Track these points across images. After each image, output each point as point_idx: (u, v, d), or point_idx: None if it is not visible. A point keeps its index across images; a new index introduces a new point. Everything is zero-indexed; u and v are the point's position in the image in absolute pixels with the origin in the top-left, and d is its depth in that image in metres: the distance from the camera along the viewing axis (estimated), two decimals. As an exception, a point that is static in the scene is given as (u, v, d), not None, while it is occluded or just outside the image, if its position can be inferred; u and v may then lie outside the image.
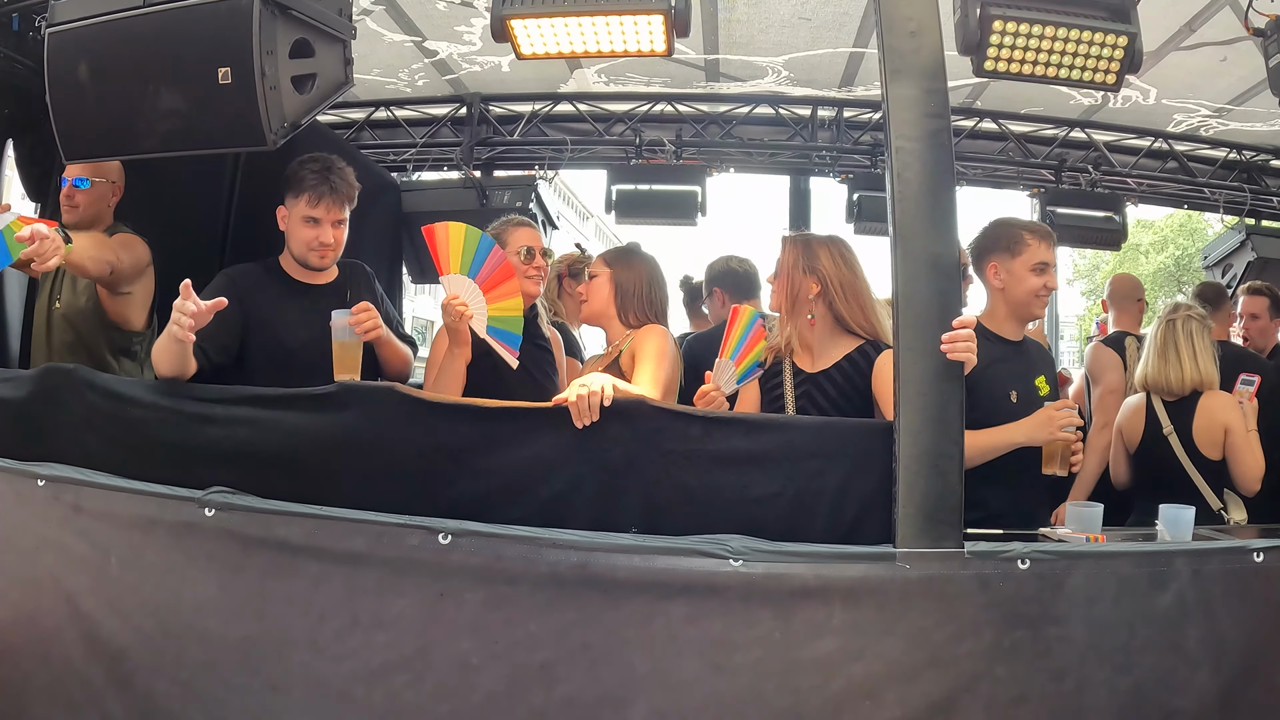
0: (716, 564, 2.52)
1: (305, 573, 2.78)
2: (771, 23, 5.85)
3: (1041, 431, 3.25)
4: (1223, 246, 7.81)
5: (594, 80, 7.12)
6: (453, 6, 5.66)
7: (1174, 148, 7.58)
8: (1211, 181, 7.68)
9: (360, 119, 7.57)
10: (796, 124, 7.53)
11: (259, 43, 3.24)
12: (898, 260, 2.66)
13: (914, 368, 2.62)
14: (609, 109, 7.55)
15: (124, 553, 2.99)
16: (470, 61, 6.62)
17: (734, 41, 6.21)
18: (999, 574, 2.54)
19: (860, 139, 7.51)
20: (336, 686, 2.73)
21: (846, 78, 6.80)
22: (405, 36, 6.15)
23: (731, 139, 7.55)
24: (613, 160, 7.62)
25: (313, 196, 3.68)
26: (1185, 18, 5.39)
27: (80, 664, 3.00)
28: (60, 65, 3.51)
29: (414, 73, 6.88)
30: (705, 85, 7.15)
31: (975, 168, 7.62)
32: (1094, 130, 7.53)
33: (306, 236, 3.70)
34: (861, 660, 2.50)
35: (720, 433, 2.83)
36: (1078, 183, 7.57)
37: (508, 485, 2.87)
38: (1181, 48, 5.74)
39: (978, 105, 7.27)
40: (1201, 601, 2.59)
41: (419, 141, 7.57)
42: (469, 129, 7.41)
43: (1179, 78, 6.29)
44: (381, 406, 2.97)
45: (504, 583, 2.62)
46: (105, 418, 3.30)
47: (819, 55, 6.36)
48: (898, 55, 2.72)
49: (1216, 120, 7.14)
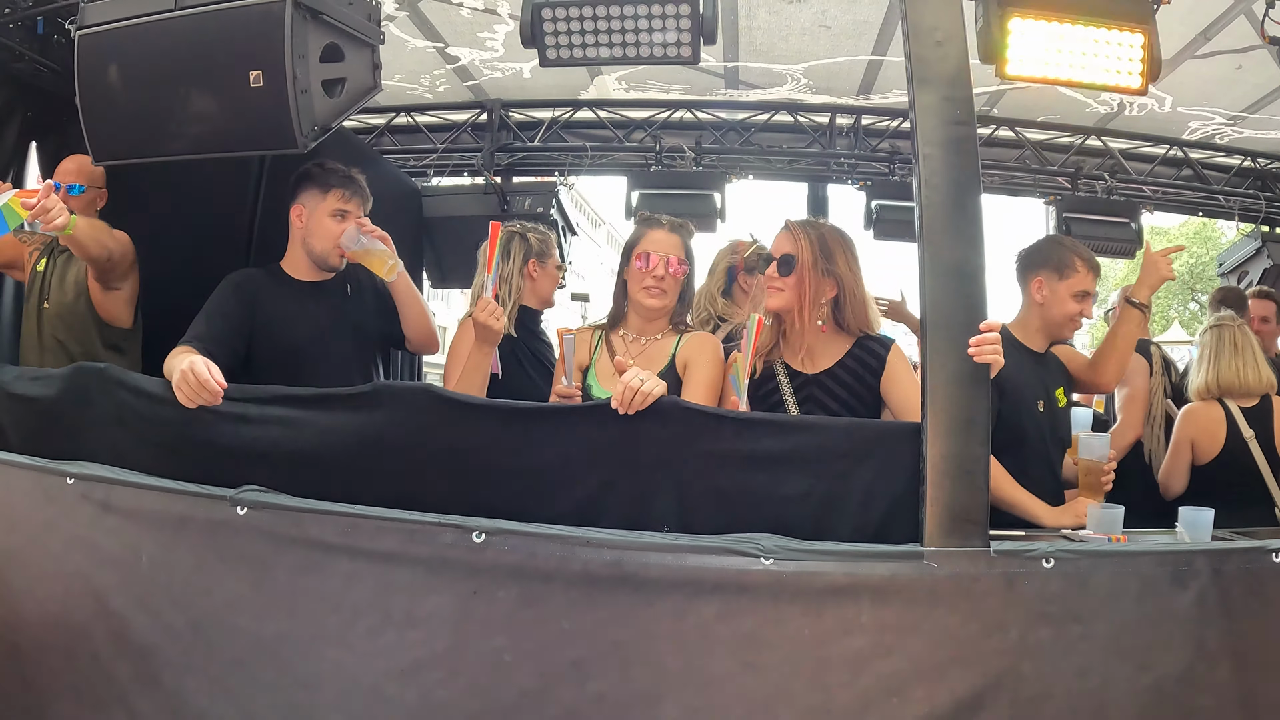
0: (748, 562, 2.54)
1: (338, 570, 2.79)
2: (791, 30, 5.90)
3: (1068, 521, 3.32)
4: (1238, 254, 7.84)
5: (614, 87, 7.18)
6: (476, 14, 5.72)
7: (1189, 155, 7.63)
8: (1226, 189, 7.73)
9: (381, 124, 7.62)
10: (815, 131, 7.58)
11: (291, 47, 3.30)
12: (925, 266, 2.69)
13: (941, 371, 2.65)
14: (629, 115, 7.58)
15: (154, 550, 3.01)
16: (492, 68, 6.67)
17: (754, 49, 6.25)
18: (1024, 573, 2.56)
19: (878, 146, 7.55)
20: (368, 683, 2.74)
21: (865, 85, 6.83)
22: (428, 43, 6.20)
23: (750, 146, 7.59)
24: (633, 167, 7.65)
25: (345, 192, 3.77)
26: (1201, 26, 5.45)
27: (107, 661, 3.02)
28: (91, 67, 3.57)
29: (435, 78, 6.93)
30: (724, 92, 7.21)
31: (992, 175, 7.66)
32: (1109, 138, 7.58)
33: (335, 230, 3.77)
34: (890, 657, 2.52)
35: (752, 433, 2.86)
36: (1093, 190, 7.61)
37: (541, 484, 2.90)
38: (1197, 56, 5.79)
39: (995, 113, 7.31)
40: (1221, 601, 2.61)
41: (439, 147, 7.63)
42: (490, 134, 7.45)
43: (1194, 85, 6.34)
44: (415, 406, 3.00)
45: (538, 581, 2.64)
46: (137, 416, 3.33)
47: (838, 63, 6.40)
48: (924, 64, 2.75)
49: (1231, 128, 7.18)
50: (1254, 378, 4.40)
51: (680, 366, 3.49)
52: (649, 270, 3.53)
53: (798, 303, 3.39)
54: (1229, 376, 4.41)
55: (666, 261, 3.54)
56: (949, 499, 2.60)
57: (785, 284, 3.42)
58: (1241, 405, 4.40)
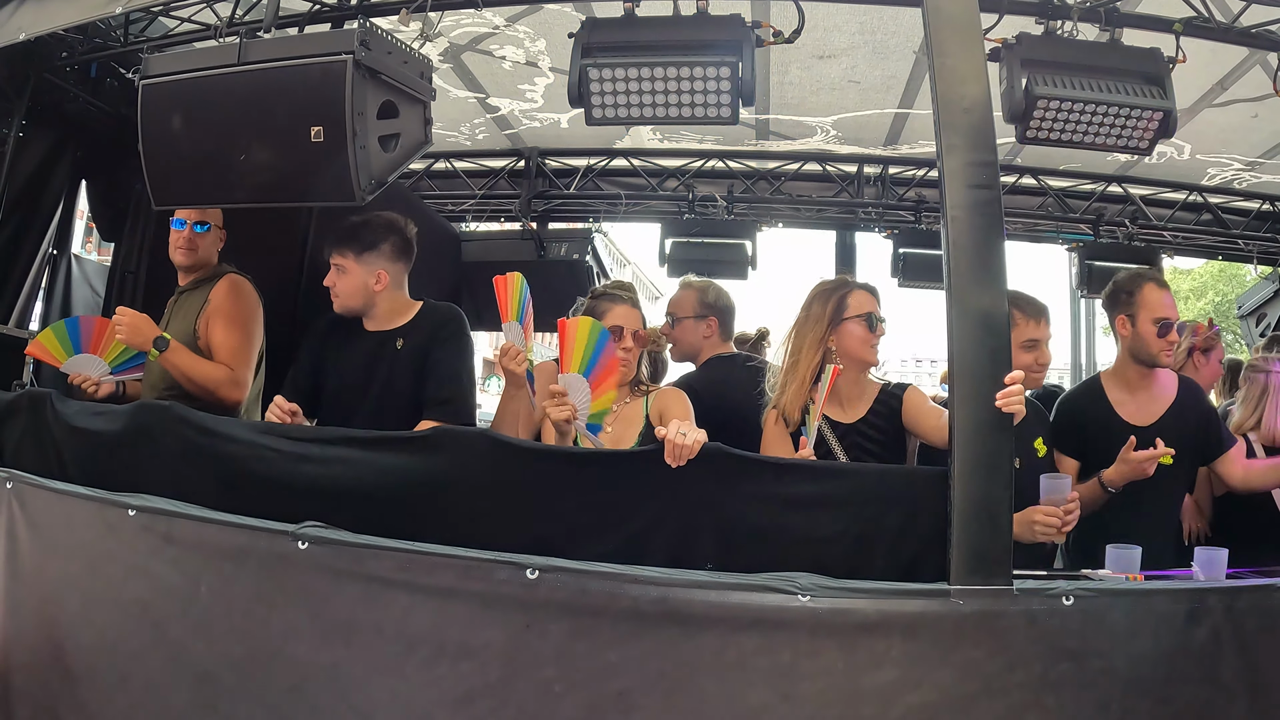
0: (785, 599, 2.62)
1: (395, 604, 2.86)
2: (822, 85, 6.05)
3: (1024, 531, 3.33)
4: (1256, 296, 7.91)
5: (649, 137, 7.31)
6: (518, 67, 5.88)
7: (1208, 200, 7.72)
8: (1245, 233, 7.80)
9: (421, 169, 7.76)
10: (843, 180, 7.70)
11: (351, 104, 3.42)
12: (952, 318, 2.81)
13: (968, 418, 2.76)
14: (662, 164, 7.72)
15: (214, 581, 3.07)
16: (530, 118, 6.82)
17: (785, 103, 6.41)
18: (1046, 610, 2.64)
19: (905, 195, 7.68)
20: (421, 712, 2.82)
21: (892, 136, 6.96)
22: (469, 93, 6.38)
23: (780, 195, 7.71)
24: (665, 214, 7.78)
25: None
26: (1218, 76, 5.58)
27: (164, 687, 3.10)
28: (154, 115, 3.69)
29: (475, 127, 7.10)
30: (755, 143, 7.34)
31: (1015, 222, 7.73)
32: (1130, 185, 7.68)
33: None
34: (919, 690, 2.61)
35: (790, 478, 3.00)
36: (1115, 236, 7.67)
37: (591, 523, 3.02)
38: (1214, 105, 5.91)
39: (1018, 162, 7.44)
40: (1235, 636, 2.69)
41: (478, 193, 7.76)
42: (527, 181, 7.57)
43: (1212, 133, 6.45)
44: (473, 450, 3.13)
45: (588, 615, 2.72)
46: (200, 453, 3.42)
47: (866, 115, 6.54)
48: (952, 130, 2.89)
49: (1249, 173, 7.28)
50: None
51: (655, 419, 3.66)
52: (619, 344, 3.67)
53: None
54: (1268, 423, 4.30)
55: (633, 335, 3.76)
56: (974, 540, 2.70)
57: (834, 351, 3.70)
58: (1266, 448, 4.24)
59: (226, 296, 4.37)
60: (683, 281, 5.10)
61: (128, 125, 3.93)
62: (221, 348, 4.30)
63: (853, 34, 5.38)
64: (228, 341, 4.31)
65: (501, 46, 5.70)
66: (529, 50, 5.67)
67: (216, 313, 4.33)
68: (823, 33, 5.34)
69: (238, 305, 4.37)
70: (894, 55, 5.57)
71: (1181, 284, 29.59)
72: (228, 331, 4.32)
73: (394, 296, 4.13)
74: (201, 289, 4.42)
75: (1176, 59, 4.17)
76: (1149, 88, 4.02)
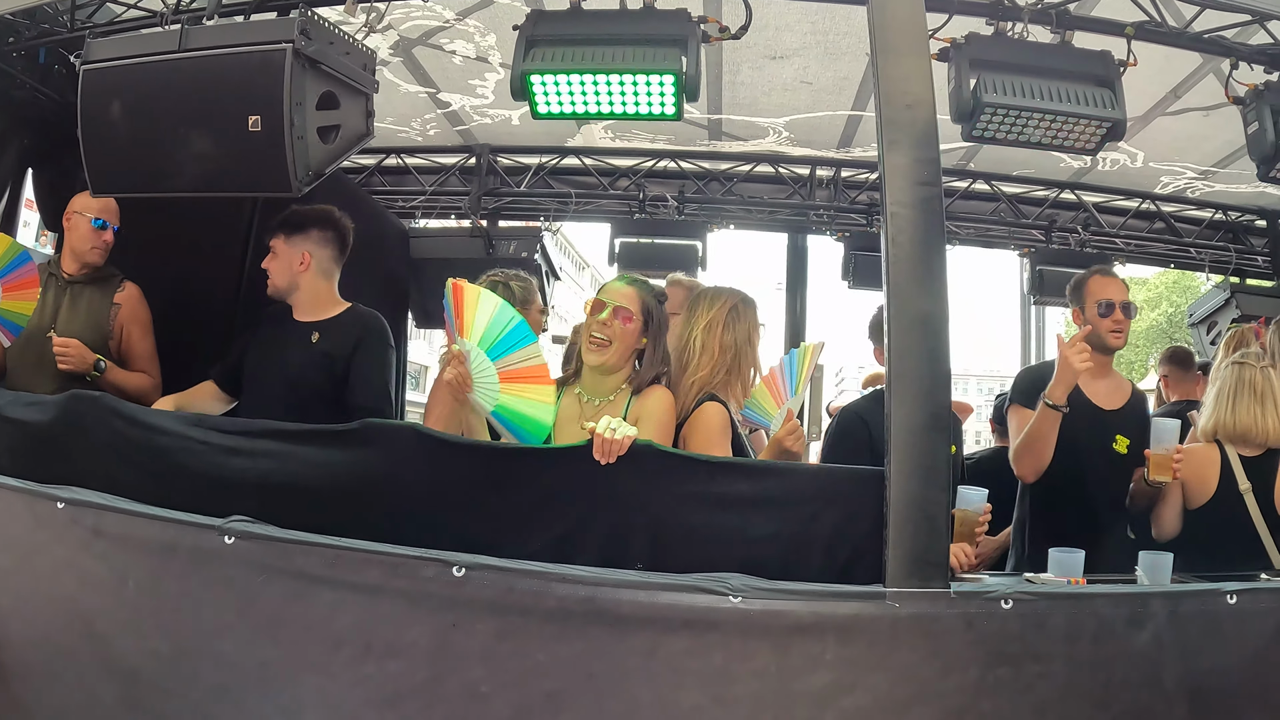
0: (717, 600, 2.59)
1: (322, 601, 2.82)
2: (774, 86, 6.04)
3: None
4: (1208, 304, 7.93)
5: (600, 135, 7.28)
6: (469, 62, 5.84)
7: (1161, 209, 7.77)
8: (1198, 241, 7.86)
9: (371, 165, 7.69)
10: (795, 183, 7.68)
11: (289, 94, 3.39)
12: (891, 318, 2.80)
13: (905, 420, 2.73)
14: (614, 164, 7.68)
15: (142, 576, 3.03)
16: (482, 114, 6.77)
17: (737, 102, 6.39)
18: (983, 613, 2.63)
19: (857, 198, 7.64)
20: (349, 711, 2.78)
21: (845, 139, 6.96)
22: (420, 88, 6.31)
23: (732, 196, 7.68)
24: (616, 214, 7.75)
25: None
26: (1171, 84, 5.59)
27: (93, 684, 3.04)
28: (93, 102, 3.65)
29: (426, 122, 7.03)
30: (708, 143, 7.31)
31: (967, 227, 7.77)
32: (1083, 192, 7.71)
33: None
34: (853, 694, 2.58)
35: (724, 477, 2.96)
36: (1067, 243, 7.72)
37: (521, 521, 2.97)
38: (1168, 113, 5.93)
39: (971, 167, 7.44)
40: (1178, 642, 2.70)
41: (428, 189, 7.69)
42: (477, 179, 7.51)
43: (1166, 141, 6.47)
44: (402, 444, 3.09)
45: (515, 614, 2.69)
46: (131, 445, 3.36)
47: (819, 117, 6.53)
48: (895, 127, 2.88)
49: (1202, 182, 7.32)
50: (1273, 428, 3.98)
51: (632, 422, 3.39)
52: (592, 318, 3.54)
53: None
54: (1245, 422, 4.01)
55: (614, 310, 3.52)
56: (910, 541, 2.68)
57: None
58: (1243, 454, 4.01)
59: (140, 304, 4.54)
60: (670, 279, 5.06)
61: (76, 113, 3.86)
62: (142, 356, 4.54)
63: (804, 34, 5.35)
64: (145, 348, 4.55)
65: (452, 41, 5.64)
66: (479, 45, 5.63)
67: (133, 320, 4.51)
68: (774, 32, 5.31)
69: (147, 312, 4.55)
70: (846, 56, 5.55)
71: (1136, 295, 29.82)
72: (144, 339, 4.54)
73: (317, 284, 4.22)
74: (100, 287, 4.50)
75: (1127, 62, 4.17)
76: (1099, 91, 4.02)
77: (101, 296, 4.46)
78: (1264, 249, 7.87)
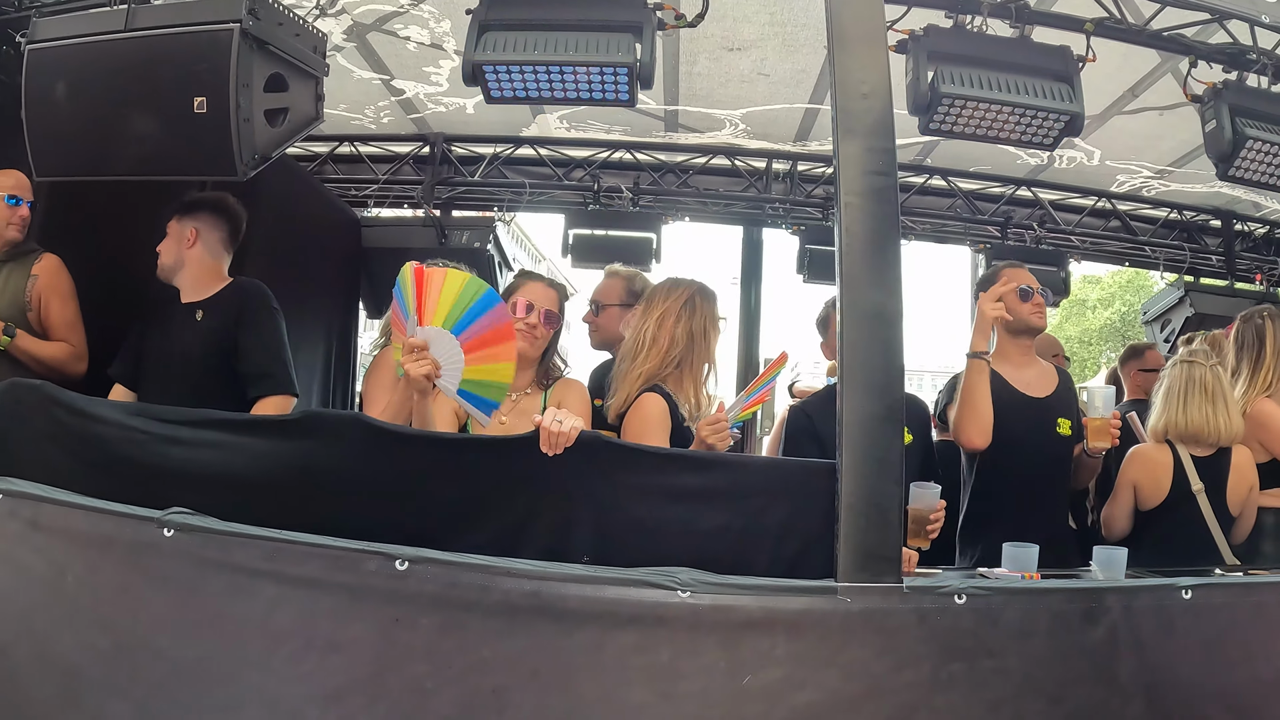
0: (665, 595, 2.57)
1: (262, 595, 2.77)
2: (731, 77, 6.01)
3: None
4: (1162, 302, 7.99)
5: (555, 125, 7.24)
6: (423, 48, 5.76)
7: (1117, 207, 7.85)
8: (1153, 240, 7.94)
9: (324, 153, 7.61)
10: (751, 175, 7.68)
11: (236, 75, 3.34)
12: (844, 310, 2.77)
13: (856, 412, 2.71)
14: (569, 154, 7.65)
15: (80, 570, 2.96)
16: (436, 102, 6.71)
17: (694, 94, 6.35)
18: (936, 608, 2.62)
19: (813, 192, 7.65)
20: (290, 708, 2.73)
21: (801, 132, 6.96)
22: (374, 74, 6.23)
23: (688, 188, 7.67)
24: (570, 205, 7.70)
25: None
26: (1129, 83, 5.62)
27: (29, 681, 2.97)
28: (38, 82, 3.58)
29: (380, 110, 6.95)
30: (664, 135, 7.27)
31: (924, 223, 7.79)
32: (1040, 189, 7.76)
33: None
34: (804, 690, 2.56)
35: (672, 468, 2.94)
36: (1023, 239, 7.75)
37: (465, 513, 2.92)
38: (1125, 112, 5.96)
39: (927, 162, 7.46)
40: (1132, 637, 2.70)
41: (381, 178, 7.64)
42: (431, 168, 7.48)
43: (1122, 140, 6.52)
44: (345, 435, 3.03)
45: (459, 609, 2.65)
46: (70, 434, 3.29)
47: (775, 110, 6.51)
48: (850, 116, 2.85)
49: (1158, 181, 7.40)
50: (1224, 427, 3.99)
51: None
52: (523, 317, 3.61)
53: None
54: (1198, 421, 4.01)
55: (544, 313, 3.67)
56: (862, 536, 2.66)
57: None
58: (1195, 454, 4.03)
59: (58, 273, 4.42)
60: (609, 270, 5.04)
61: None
62: (60, 324, 4.40)
63: (762, 25, 5.32)
64: (65, 316, 4.41)
65: (406, 26, 5.56)
66: (434, 31, 5.55)
67: (51, 290, 4.39)
68: (732, 23, 5.28)
69: (68, 281, 4.44)
70: (804, 49, 5.52)
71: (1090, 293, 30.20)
72: (64, 307, 4.41)
73: (202, 262, 4.32)
74: (19, 261, 4.42)
75: (1086, 58, 4.18)
76: (1058, 85, 4.02)
77: (20, 270, 4.40)
78: (1218, 248, 7.98)
